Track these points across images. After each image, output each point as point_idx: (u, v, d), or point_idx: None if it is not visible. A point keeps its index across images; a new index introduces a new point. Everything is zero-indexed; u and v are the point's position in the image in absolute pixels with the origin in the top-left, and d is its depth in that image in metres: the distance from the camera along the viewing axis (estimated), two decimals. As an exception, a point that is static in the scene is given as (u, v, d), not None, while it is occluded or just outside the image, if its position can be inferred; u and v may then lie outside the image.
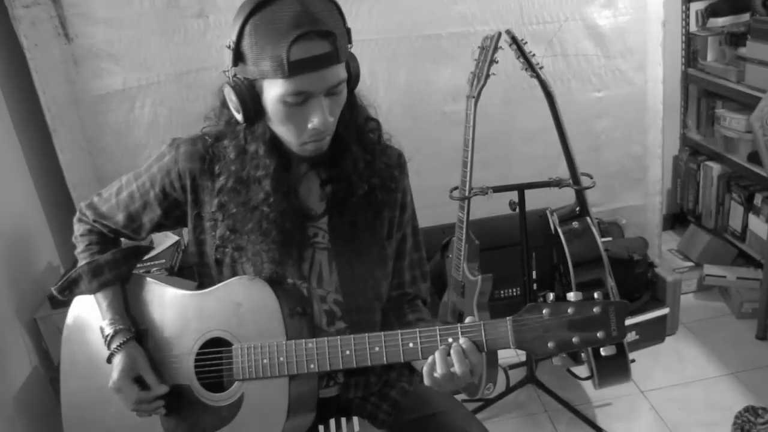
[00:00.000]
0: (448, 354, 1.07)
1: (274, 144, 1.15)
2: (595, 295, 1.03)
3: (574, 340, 1.01)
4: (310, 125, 1.08)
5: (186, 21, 2.30)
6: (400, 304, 1.35)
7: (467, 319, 1.09)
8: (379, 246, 1.27)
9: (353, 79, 1.15)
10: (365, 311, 1.28)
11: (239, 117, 1.12)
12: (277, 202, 1.16)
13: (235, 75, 1.09)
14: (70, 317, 1.36)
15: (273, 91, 1.06)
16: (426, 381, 1.10)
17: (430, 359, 1.08)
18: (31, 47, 2.21)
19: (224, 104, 1.15)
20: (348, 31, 1.11)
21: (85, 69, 2.29)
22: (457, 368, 1.06)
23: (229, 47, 1.07)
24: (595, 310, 1.01)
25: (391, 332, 1.10)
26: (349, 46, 1.12)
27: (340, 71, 1.08)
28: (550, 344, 1.02)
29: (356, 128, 1.20)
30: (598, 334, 1.01)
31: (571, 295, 1.04)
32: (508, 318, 1.05)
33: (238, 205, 1.18)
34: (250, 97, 1.09)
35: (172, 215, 1.28)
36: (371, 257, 1.26)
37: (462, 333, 1.07)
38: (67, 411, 1.34)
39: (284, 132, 1.12)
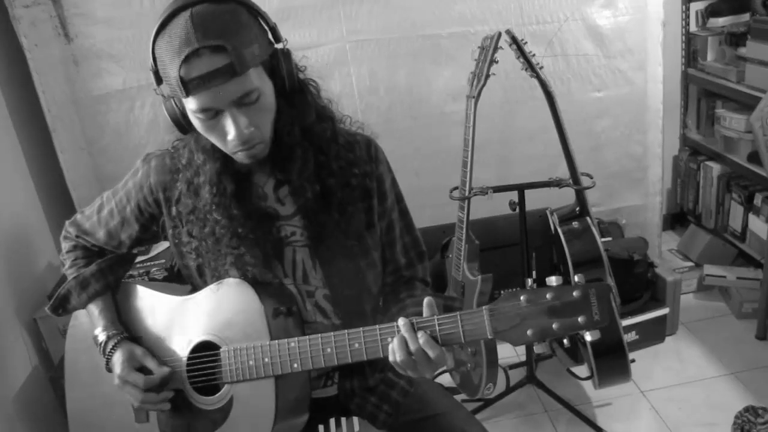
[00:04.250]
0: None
1: (217, 151, 1.14)
2: (576, 278, 1.00)
3: (554, 326, 0.97)
4: (228, 137, 1.07)
5: (186, 21, 2.31)
6: (397, 287, 1.33)
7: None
8: (357, 238, 1.25)
9: (287, 78, 1.10)
10: (354, 303, 1.28)
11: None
12: (223, 207, 1.16)
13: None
14: (71, 329, 1.39)
15: (187, 107, 1.07)
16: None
17: (390, 347, 1.07)
18: (31, 47, 2.21)
19: None
20: (267, 30, 1.08)
21: (85, 69, 2.29)
22: (397, 356, 1.06)
23: (150, 69, 1.08)
24: (575, 294, 0.97)
25: (370, 327, 1.10)
26: (277, 45, 1.09)
27: (243, 83, 1.02)
28: (529, 332, 0.99)
29: (302, 130, 1.16)
30: (579, 319, 0.96)
31: (552, 280, 1.01)
32: (484, 307, 1.02)
33: (193, 210, 1.19)
34: (180, 111, 1.10)
35: (149, 230, 1.29)
36: (352, 250, 1.25)
37: (439, 324, 1.05)
38: (72, 418, 1.37)
39: (214, 142, 1.12)
